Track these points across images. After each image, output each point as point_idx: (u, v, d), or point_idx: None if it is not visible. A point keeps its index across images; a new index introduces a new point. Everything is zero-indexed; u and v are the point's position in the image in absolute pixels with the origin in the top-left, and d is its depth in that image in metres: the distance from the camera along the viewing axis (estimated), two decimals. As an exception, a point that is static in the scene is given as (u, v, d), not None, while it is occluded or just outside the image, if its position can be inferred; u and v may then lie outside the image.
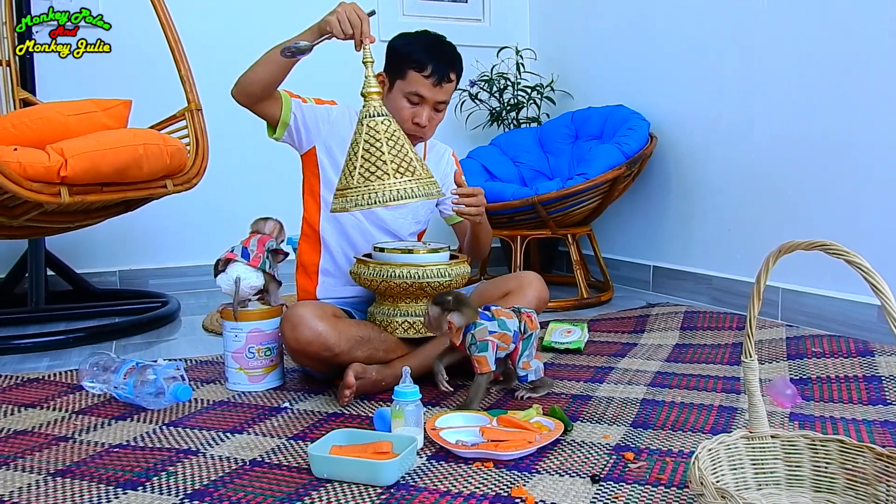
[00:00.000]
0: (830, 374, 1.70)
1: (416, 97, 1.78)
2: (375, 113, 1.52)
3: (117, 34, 3.01)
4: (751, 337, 1.09)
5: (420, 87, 1.77)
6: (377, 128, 1.51)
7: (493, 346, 1.54)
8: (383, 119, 1.52)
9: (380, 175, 1.48)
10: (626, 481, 1.19)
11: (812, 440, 1.10)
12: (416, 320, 1.70)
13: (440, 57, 1.78)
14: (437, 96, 1.79)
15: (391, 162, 1.48)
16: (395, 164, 1.49)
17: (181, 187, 2.38)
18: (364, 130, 1.51)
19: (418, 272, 1.65)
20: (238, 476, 1.24)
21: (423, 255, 1.70)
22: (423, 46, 1.78)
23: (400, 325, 1.70)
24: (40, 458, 1.35)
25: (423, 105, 1.79)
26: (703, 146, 2.73)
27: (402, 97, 1.79)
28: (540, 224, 2.79)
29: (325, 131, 1.84)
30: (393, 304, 1.71)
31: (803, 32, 2.28)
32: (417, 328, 1.70)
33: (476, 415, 1.46)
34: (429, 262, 1.67)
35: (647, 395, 1.65)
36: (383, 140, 1.50)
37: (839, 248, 0.94)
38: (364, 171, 1.49)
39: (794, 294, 2.32)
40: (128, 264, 3.15)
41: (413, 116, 1.79)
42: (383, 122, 1.52)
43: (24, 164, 1.98)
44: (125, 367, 1.69)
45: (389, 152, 1.49)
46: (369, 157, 1.49)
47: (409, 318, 1.70)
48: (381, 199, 1.47)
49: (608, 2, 3.22)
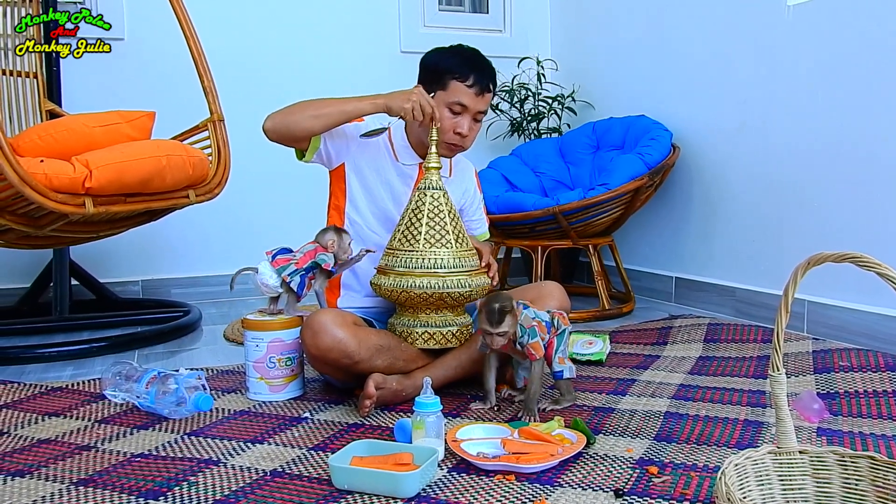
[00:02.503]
0: (859, 388, 1.67)
1: (459, 106, 1.80)
2: (438, 186, 1.72)
3: (137, 45, 3.06)
4: (778, 350, 1.07)
5: (463, 97, 1.79)
6: (440, 199, 1.71)
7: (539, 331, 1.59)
8: (433, 192, 1.72)
9: (412, 242, 1.68)
10: (650, 496, 1.17)
11: (842, 456, 1.08)
12: (437, 331, 1.69)
13: (482, 68, 1.83)
14: (479, 106, 1.82)
15: (425, 233, 1.68)
16: (430, 235, 1.69)
17: (203, 197, 2.39)
18: (428, 200, 1.70)
19: (439, 283, 1.65)
20: (259, 487, 1.24)
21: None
22: (464, 59, 1.83)
23: (420, 335, 1.69)
24: (63, 467, 1.35)
25: (465, 115, 1.81)
26: (726, 156, 2.70)
27: (445, 107, 1.80)
28: (561, 234, 2.78)
29: (355, 148, 1.85)
30: (413, 315, 1.71)
31: (827, 40, 2.26)
32: (438, 339, 1.70)
33: (498, 426, 1.45)
34: (450, 273, 1.67)
35: (671, 408, 1.63)
36: (425, 211, 1.70)
37: (870, 260, 0.92)
38: (429, 237, 1.68)
39: (820, 307, 2.28)
40: (150, 274, 3.17)
41: (455, 126, 1.81)
42: (444, 196, 1.73)
43: (50, 175, 2.01)
44: (147, 377, 1.70)
45: (427, 223, 1.69)
46: (409, 226, 1.70)
47: (430, 328, 1.69)
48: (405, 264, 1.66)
49: (629, 12, 3.21)
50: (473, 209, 2.05)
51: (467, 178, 2.02)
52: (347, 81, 2.68)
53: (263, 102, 3.18)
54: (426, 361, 1.74)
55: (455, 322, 1.71)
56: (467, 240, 1.73)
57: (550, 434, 1.38)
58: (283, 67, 3.25)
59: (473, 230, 2.03)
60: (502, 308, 1.53)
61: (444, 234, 1.68)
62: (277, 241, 1.84)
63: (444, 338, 1.70)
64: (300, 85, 3.33)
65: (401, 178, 1.89)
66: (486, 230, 2.11)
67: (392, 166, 1.88)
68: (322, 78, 3.26)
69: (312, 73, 3.25)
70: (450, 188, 1.83)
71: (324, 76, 3.25)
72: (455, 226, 1.71)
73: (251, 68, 3.23)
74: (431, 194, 1.71)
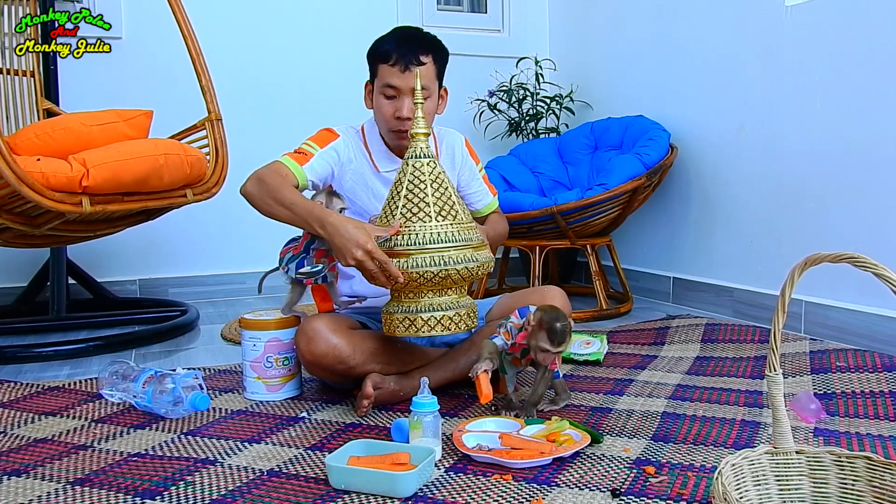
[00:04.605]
0: (856, 389, 1.67)
1: (390, 89, 1.71)
2: (422, 154, 1.55)
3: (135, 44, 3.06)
4: (775, 350, 1.07)
5: (389, 78, 1.70)
6: (423, 169, 1.54)
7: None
8: (429, 161, 1.55)
9: (422, 217, 1.51)
10: (647, 496, 1.17)
11: (838, 456, 1.08)
12: (444, 315, 1.52)
13: (403, 42, 1.71)
14: (411, 82, 1.66)
15: (434, 204, 1.52)
16: (438, 207, 1.52)
17: (201, 196, 2.39)
18: (409, 171, 1.54)
19: (443, 258, 1.49)
20: (256, 486, 1.24)
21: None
22: (387, 39, 1.73)
23: (426, 321, 1.52)
24: (60, 466, 1.35)
25: (402, 96, 1.70)
26: (724, 157, 2.70)
27: (380, 95, 1.73)
28: (559, 234, 2.78)
29: (338, 171, 1.80)
30: (415, 300, 1.54)
31: (825, 41, 2.26)
32: (446, 324, 1.53)
33: (511, 422, 1.46)
34: (452, 246, 1.51)
35: (668, 408, 1.63)
36: (428, 182, 1.53)
37: (867, 260, 0.92)
38: (406, 210, 1.52)
39: (817, 307, 2.28)
40: (147, 273, 3.17)
41: (395, 112, 1.71)
42: (429, 164, 1.55)
43: (47, 174, 2.00)
44: (144, 376, 1.69)
45: (433, 194, 1.53)
46: (412, 198, 1.53)
47: (436, 312, 1.52)
48: (419, 240, 1.50)
49: (628, 12, 3.21)
50: (469, 180, 1.93)
51: (456, 152, 1.91)
52: (346, 81, 2.67)
53: (261, 102, 3.24)
54: (423, 361, 1.74)
55: (461, 304, 1.56)
56: (462, 212, 1.56)
57: (561, 433, 1.38)
58: (280, 66, 3.26)
59: (474, 204, 1.94)
60: (565, 328, 1.47)
61: (423, 206, 1.51)
62: (276, 241, 1.82)
63: (453, 322, 1.53)
64: (298, 84, 3.36)
65: (388, 187, 1.77)
66: (492, 201, 1.98)
67: (375, 177, 1.81)
68: (320, 77, 3.26)
69: (310, 73, 3.25)
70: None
71: (322, 75, 3.25)
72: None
73: (249, 68, 3.23)
74: (428, 163, 1.55)
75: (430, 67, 1.71)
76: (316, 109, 3.08)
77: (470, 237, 1.54)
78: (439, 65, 1.75)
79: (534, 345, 1.49)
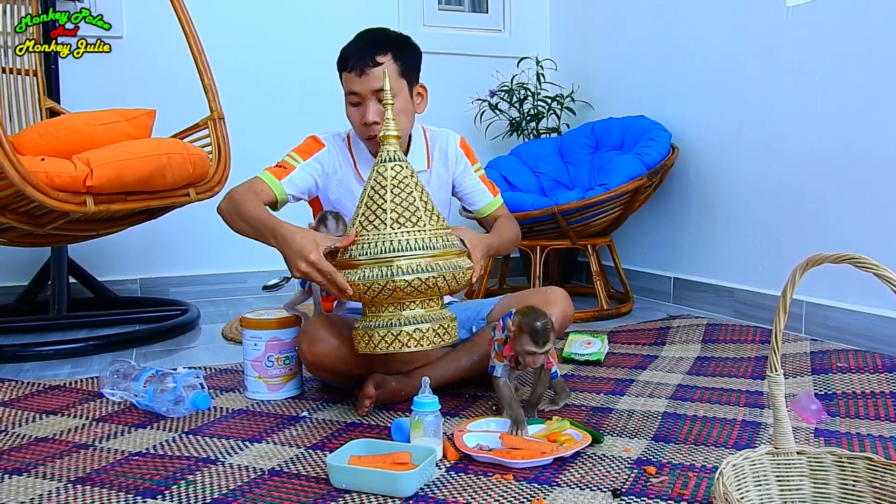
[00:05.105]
0: (856, 389, 1.67)
1: (353, 96, 1.68)
2: (387, 158, 1.49)
3: (136, 43, 3.06)
4: (776, 351, 1.07)
5: (349, 84, 1.67)
6: (385, 174, 1.47)
7: None
8: (394, 164, 1.48)
9: (377, 225, 1.43)
10: (648, 496, 1.17)
11: (839, 457, 1.08)
12: (429, 327, 1.44)
13: (359, 45, 1.67)
14: (371, 84, 1.63)
15: (392, 211, 1.43)
16: (396, 214, 1.43)
17: (204, 195, 2.39)
18: (373, 176, 1.48)
19: (392, 268, 1.40)
20: (257, 485, 1.24)
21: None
22: (348, 45, 1.70)
23: (411, 335, 1.43)
24: (61, 465, 1.35)
25: (366, 101, 1.66)
26: (725, 157, 2.70)
27: (347, 103, 1.71)
28: (560, 234, 2.78)
29: (324, 182, 1.79)
30: (396, 312, 1.45)
31: (826, 41, 2.26)
32: (431, 337, 1.44)
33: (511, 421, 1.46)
34: (436, 252, 1.43)
35: (669, 408, 1.63)
36: (388, 187, 1.45)
37: (869, 261, 0.92)
38: (363, 218, 1.45)
39: (818, 307, 2.28)
40: (148, 272, 3.17)
41: (361, 118, 1.68)
42: (393, 168, 1.47)
43: (51, 173, 2.00)
44: (145, 375, 1.69)
45: (392, 200, 1.44)
46: (371, 205, 1.46)
47: (421, 325, 1.44)
48: (371, 250, 1.41)
49: (629, 12, 3.21)
50: (467, 180, 1.89)
51: (449, 152, 1.86)
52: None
53: (261, 102, 3.24)
54: (425, 361, 1.74)
55: (444, 315, 1.48)
56: (430, 218, 1.47)
57: (562, 432, 1.38)
58: (282, 66, 3.26)
59: (473, 205, 1.91)
60: (546, 325, 1.41)
61: (380, 213, 1.44)
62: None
63: (437, 334, 1.45)
64: (300, 83, 3.36)
65: None
66: (492, 201, 1.93)
67: (360, 186, 1.77)
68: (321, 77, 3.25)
69: (312, 72, 3.24)
70: (432, 176, 1.78)
71: (322, 75, 3.24)
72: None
73: (251, 67, 3.23)
74: (392, 167, 1.47)
75: (389, 67, 1.65)
76: (316, 109, 3.07)
77: (435, 245, 1.43)
78: (402, 62, 1.69)
79: (519, 350, 1.44)
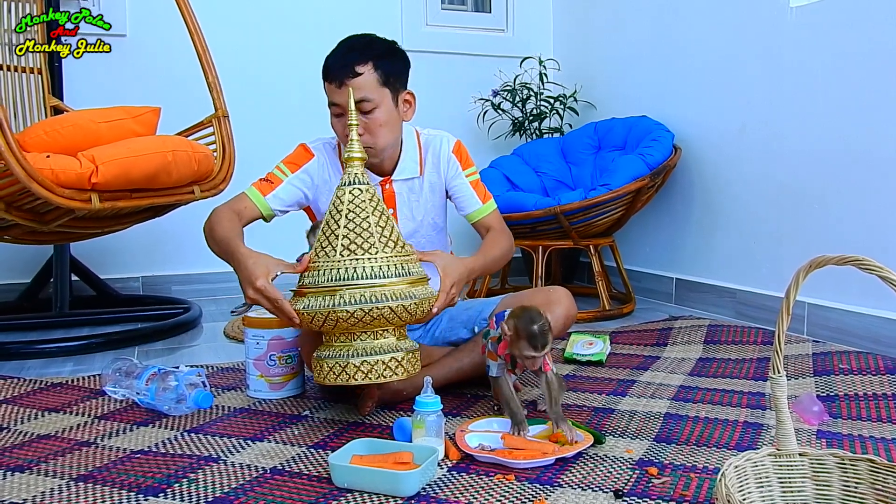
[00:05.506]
0: (858, 391, 1.67)
1: (334, 107, 1.63)
2: (346, 181, 1.44)
3: (140, 41, 3.06)
4: (779, 352, 1.07)
5: (330, 95, 1.63)
6: (342, 198, 1.42)
7: None
8: (352, 188, 1.42)
9: (328, 251, 1.38)
10: (649, 497, 1.17)
11: (841, 459, 1.08)
12: (378, 360, 1.37)
13: (339, 54, 1.62)
14: (344, 98, 1.56)
15: (343, 237, 1.38)
16: (348, 240, 1.38)
17: (208, 193, 2.39)
18: (332, 200, 1.44)
19: (375, 294, 1.35)
20: (259, 484, 1.24)
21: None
22: (330, 53, 1.65)
23: (358, 367, 1.36)
24: (63, 463, 1.35)
25: (347, 113, 1.55)
26: (727, 158, 2.70)
27: (331, 114, 1.66)
28: (562, 235, 2.78)
29: (313, 194, 1.77)
30: (347, 343, 1.40)
31: (830, 42, 2.25)
32: (381, 370, 1.37)
33: None
34: (386, 281, 1.37)
35: (671, 409, 1.63)
36: (343, 212, 1.40)
37: (872, 263, 0.92)
38: (318, 245, 1.41)
39: (820, 309, 2.28)
40: (150, 270, 3.17)
41: (343, 129, 1.61)
42: (351, 192, 1.42)
43: (57, 170, 2.01)
44: (147, 373, 1.70)
45: (346, 226, 1.39)
46: (326, 231, 1.41)
47: (370, 357, 1.37)
48: (320, 279, 1.37)
49: (632, 13, 3.21)
50: (456, 184, 1.79)
51: (441, 157, 1.78)
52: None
53: (267, 99, 3.24)
54: (427, 361, 1.74)
55: (400, 347, 1.41)
56: (385, 243, 1.41)
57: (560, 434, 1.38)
58: (286, 65, 3.26)
59: (462, 210, 1.82)
60: (544, 327, 1.38)
61: (332, 239, 1.39)
62: (281, 238, 1.82)
63: (388, 367, 1.38)
64: (303, 82, 3.34)
65: None
66: (479, 208, 1.80)
67: None
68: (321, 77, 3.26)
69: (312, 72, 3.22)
70: (425, 182, 1.75)
71: (324, 75, 3.25)
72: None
73: (255, 65, 3.23)
74: (350, 191, 1.42)
75: (369, 77, 1.60)
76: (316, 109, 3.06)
77: (386, 274, 1.37)
78: (385, 70, 1.62)
79: (518, 354, 1.41)
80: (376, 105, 1.61)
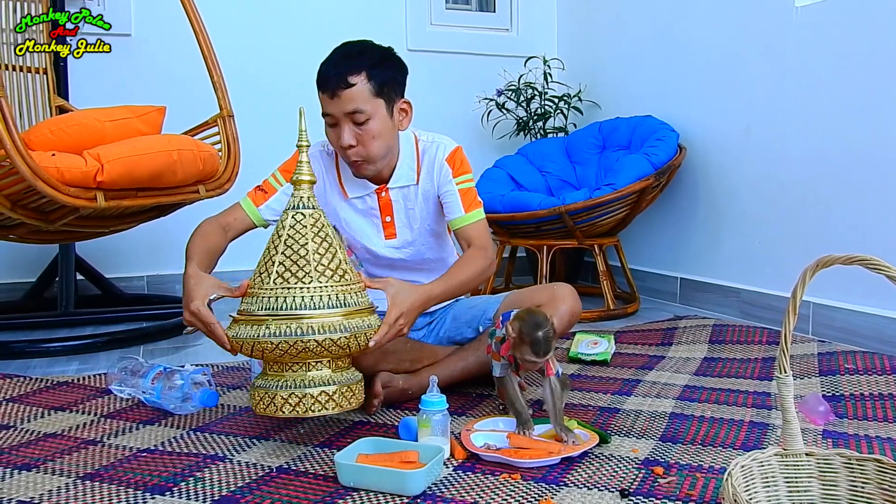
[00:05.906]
0: (864, 391, 1.67)
1: (328, 117, 1.60)
2: (291, 205, 1.39)
3: (144, 41, 3.06)
4: (786, 352, 1.07)
5: (323, 105, 1.59)
6: (284, 222, 1.37)
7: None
8: (295, 213, 1.37)
9: (263, 278, 1.34)
10: (655, 496, 1.17)
11: (848, 459, 1.07)
12: (307, 393, 1.31)
13: (331, 64, 1.58)
14: (343, 107, 1.55)
15: (279, 264, 1.33)
16: (283, 268, 1.32)
17: (213, 192, 2.39)
18: (276, 225, 1.40)
19: (301, 326, 1.29)
20: (265, 483, 1.24)
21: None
22: (325, 60, 1.61)
23: (286, 400, 1.30)
24: (69, 461, 1.36)
25: (342, 123, 1.58)
26: (732, 158, 2.70)
27: (325, 124, 1.63)
28: (566, 234, 2.78)
29: None
30: (278, 374, 1.34)
31: (835, 42, 2.25)
32: (308, 404, 1.31)
33: None
34: (316, 313, 1.30)
35: (676, 408, 1.63)
36: (283, 237, 1.35)
37: (879, 262, 0.92)
38: (257, 271, 1.37)
39: (826, 309, 2.28)
40: (155, 269, 3.17)
41: (337, 140, 1.60)
42: (294, 217, 1.37)
43: (62, 169, 2.01)
44: (153, 372, 1.70)
45: (283, 252, 1.34)
46: (265, 256, 1.37)
47: (297, 390, 1.31)
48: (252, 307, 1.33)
49: (637, 12, 3.20)
50: (444, 190, 1.72)
51: (435, 165, 1.73)
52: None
53: (272, 99, 3.24)
54: (432, 361, 1.74)
55: (334, 380, 1.34)
56: (347, 272, 1.37)
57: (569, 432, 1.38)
58: (290, 65, 3.25)
59: (446, 216, 1.74)
60: (548, 334, 1.36)
61: (269, 265, 1.34)
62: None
63: (318, 402, 1.31)
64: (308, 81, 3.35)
65: (360, 214, 1.74)
66: (464, 215, 1.70)
67: (344, 204, 1.74)
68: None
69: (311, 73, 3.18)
70: (419, 190, 1.73)
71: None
72: (325, 253, 1.34)
73: (259, 65, 3.23)
74: (293, 216, 1.37)
75: (362, 87, 1.55)
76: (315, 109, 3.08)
77: (317, 304, 1.31)
78: (378, 80, 1.58)
79: (520, 357, 1.39)
80: (369, 116, 1.57)
